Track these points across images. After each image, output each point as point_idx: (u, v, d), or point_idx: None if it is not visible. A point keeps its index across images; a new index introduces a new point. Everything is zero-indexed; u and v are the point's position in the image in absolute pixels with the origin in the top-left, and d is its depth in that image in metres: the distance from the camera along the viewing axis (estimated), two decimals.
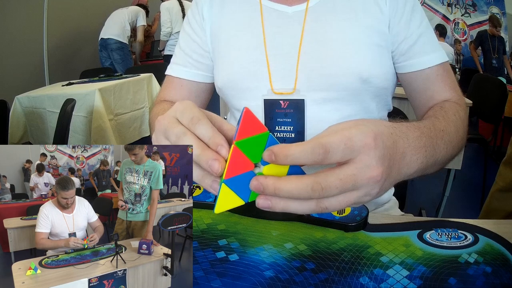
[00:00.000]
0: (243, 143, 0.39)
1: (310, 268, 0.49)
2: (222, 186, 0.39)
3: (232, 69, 0.75)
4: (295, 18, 0.71)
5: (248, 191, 0.40)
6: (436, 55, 0.71)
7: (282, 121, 0.71)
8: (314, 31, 0.70)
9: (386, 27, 0.70)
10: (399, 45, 0.71)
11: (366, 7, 0.69)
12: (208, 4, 0.78)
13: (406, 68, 0.72)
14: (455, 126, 0.61)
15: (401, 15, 0.69)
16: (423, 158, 0.48)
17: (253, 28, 0.73)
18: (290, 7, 0.72)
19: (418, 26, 0.70)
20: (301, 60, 0.69)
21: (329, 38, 0.69)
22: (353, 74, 0.68)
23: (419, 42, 0.70)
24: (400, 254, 0.51)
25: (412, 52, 0.71)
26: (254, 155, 0.39)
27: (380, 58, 0.70)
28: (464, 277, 0.46)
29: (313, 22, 0.70)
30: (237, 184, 0.39)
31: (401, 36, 0.70)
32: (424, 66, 0.71)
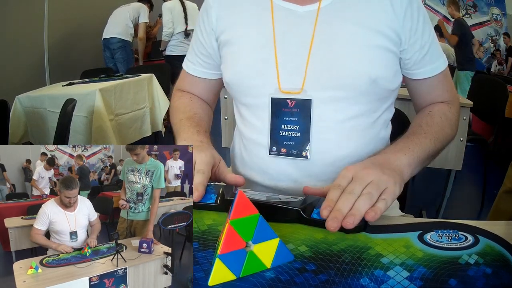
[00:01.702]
0: (236, 222, 0.45)
1: (310, 269, 0.49)
2: (216, 261, 0.44)
3: (241, 66, 0.75)
4: (306, 18, 0.71)
5: (239, 266, 0.46)
6: (441, 62, 0.76)
7: (288, 120, 0.72)
8: (325, 32, 0.70)
9: (398, 33, 0.71)
10: (414, 54, 0.73)
11: (376, 10, 0.70)
12: (217, 5, 0.79)
13: (417, 75, 0.76)
14: (440, 126, 0.74)
15: (416, 25, 0.71)
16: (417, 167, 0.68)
17: (263, 26, 0.73)
18: (302, 7, 0.72)
19: (428, 35, 0.73)
20: (311, 60, 0.70)
21: (340, 39, 0.70)
22: (362, 75, 0.69)
23: (430, 51, 0.74)
24: (400, 255, 0.51)
25: (425, 60, 0.74)
26: (246, 233, 0.45)
27: (388, 61, 0.72)
28: (465, 278, 0.46)
29: (324, 23, 0.70)
30: (230, 259, 0.45)
31: (417, 46, 0.72)
32: (431, 74, 0.75)
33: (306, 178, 0.74)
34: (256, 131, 0.76)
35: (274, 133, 0.73)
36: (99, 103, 2.42)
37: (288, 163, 0.74)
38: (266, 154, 0.75)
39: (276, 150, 0.73)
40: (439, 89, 0.78)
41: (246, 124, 0.79)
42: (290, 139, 0.72)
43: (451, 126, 0.76)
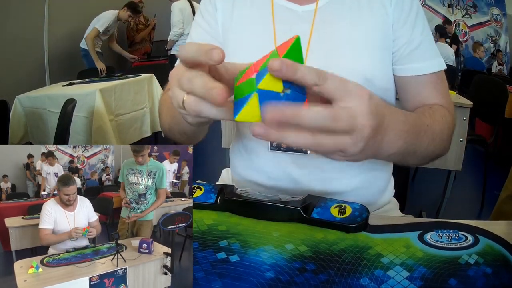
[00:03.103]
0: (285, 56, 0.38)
1: (310, 269, 0.49)
2: (253, 95, 0.38)
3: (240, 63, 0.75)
4: (305, 17, 0.72)
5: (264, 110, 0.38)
6: (434, 63, 0.72)
7: None
8: (322, 31, 0.71)
9: (390, 29, 0.71)
10: (400, 48, 0.72)
11: (373, 9, 0.70)
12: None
13: (403, 72, 0.73)
14: (440, 127, 0.64)
15: (406, 18, 0.70)
16: (404, 143, 0.50)
17: (264, 24, 0.74)
18: (300, 6, 0.73)
19: (421, 32, 0.71)
20: (309, 58, 0.70)
21: (336, 38, 0.70)
22: (357, 74, 0.69)
23: (420, 48, 0.71)
24: (400, 255, 0.51)
25: (412, 57, 0.71)
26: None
27: (383, 60, 0.71)
28: (465, 278, 0.46)
29: (321, 22, 0.71)
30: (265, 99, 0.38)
31: (404, 39, 0.71)
32: (421, 72, 0.72)
33: (306, 177, 0.74)
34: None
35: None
36: (99, 104, 2.42)
37: (288, 161, 0.74)
38: (267, 151, 0.75)
39: (277, 145, 0.74)
40: (430, 92, 0.73)
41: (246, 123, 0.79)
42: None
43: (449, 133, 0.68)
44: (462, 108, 1.98)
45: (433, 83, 0.73)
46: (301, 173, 0.74)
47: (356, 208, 0.59)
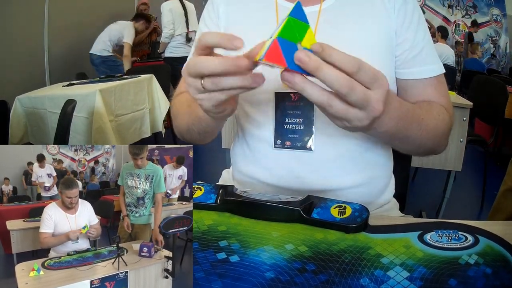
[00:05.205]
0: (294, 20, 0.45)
1: (310, 269, 0.49)
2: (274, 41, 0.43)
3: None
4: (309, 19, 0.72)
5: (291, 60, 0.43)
6: (436, 67, 0.75)
7: (292, 113, 0.74)
8: (325, 32, 0.71)
9: (393, 33, 0.72)
10: (404, 52, 0.73)
11: (376, 12, 0.71)
12: (224, 2, 0.79)
13: (406, 75, 0.75)
14: (435, 122, 0.68)
15: (409, 24, 0.72)
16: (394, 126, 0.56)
17: (268, 26, 0.74)
18: (304, 8, 0.73)
19: (423, 37, 0.73)
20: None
21: (339, 40, 0.70)
22: None
23: (423, 52, 0.73)
24: (400, 256, 0.51)
25: (415, 61, 0.73)
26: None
27: (386, 62, 0.73)
28: (465, 278, 0.46)
29: (325, 23, 0.72)
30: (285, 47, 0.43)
31: (407, 44, 0.72)
32: (423, 75, 0.74)
33: (309, 174, 0.75)
34: (260, 126, 0.78)
35: (279, 126, 0.74)
36: (99, 104, 2.42)
37: (291, 158, 0.75)
38: (270, 149, 0.76)
39: (281, 143, 0.75)
40: (431, 94, 0.75)
41: (250, 121, 0.80)
42: (295, 132, 0.74)
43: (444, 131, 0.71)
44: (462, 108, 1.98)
45: (434, 85, 0.75)
46: (304, 170, 0.75)
47: (356, 208, 0.59)
